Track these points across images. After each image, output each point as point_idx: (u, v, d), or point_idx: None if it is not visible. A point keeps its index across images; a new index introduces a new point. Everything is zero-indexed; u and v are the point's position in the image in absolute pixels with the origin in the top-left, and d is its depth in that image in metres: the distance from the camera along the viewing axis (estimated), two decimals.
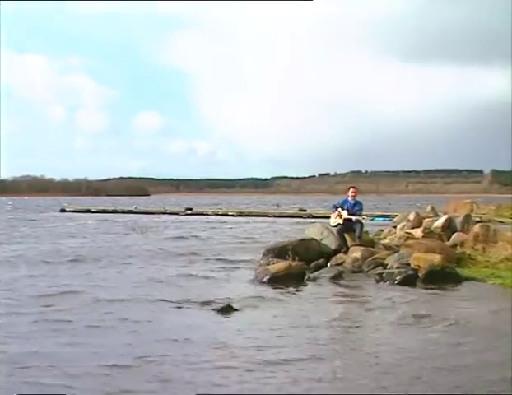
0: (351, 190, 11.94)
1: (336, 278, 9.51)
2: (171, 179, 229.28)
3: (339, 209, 11.70)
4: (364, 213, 11.99)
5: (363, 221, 11.44)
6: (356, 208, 11.61)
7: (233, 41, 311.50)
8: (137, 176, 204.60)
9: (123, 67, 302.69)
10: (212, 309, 7.16)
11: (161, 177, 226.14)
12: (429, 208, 15.33)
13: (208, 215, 36.77)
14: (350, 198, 11.83)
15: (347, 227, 11.43)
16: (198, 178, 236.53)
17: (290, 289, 8.79)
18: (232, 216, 35.86)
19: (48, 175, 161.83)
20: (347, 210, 11.57)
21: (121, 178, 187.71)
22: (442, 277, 9.10)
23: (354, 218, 11.34)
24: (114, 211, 41.50)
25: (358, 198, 11.93)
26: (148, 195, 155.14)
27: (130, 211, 41.45)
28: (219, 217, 34.27)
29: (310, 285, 9.18)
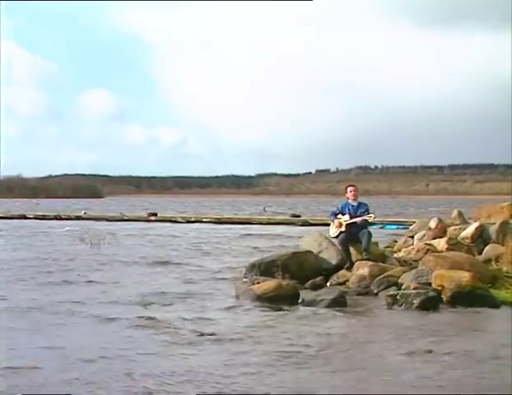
0: (350, 189, 12.02)
1: (337, 301, 9.44)
2: (130, 177, 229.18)
3: (340, 216, 11.69)
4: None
5: (371, 223, 11.44)
6: (360, 212, 11.61)
7: (208, 7, 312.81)
8: (86, 173, 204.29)
9: (64, 34, 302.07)
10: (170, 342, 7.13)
11: (117, 174, 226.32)
12: (455, 213, 15.29)
13: (177, 221, 36.72)
14: (351, 200, 11.82)
15: (352, 236, 11.41)
16: (164, 175, 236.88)
17: (279, 314, 8.74)
18: (207, 222, 36.01)
19: None
20: (350, 214, 11.56)
21: (65, 175, 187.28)
22: (472, 301, 9.09)
23: (359, 220, 11.34)
24: (57, 218, 41.15)
25: (365, 201, 11.95)
26: (101, 197, 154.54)
27: (78, 218, 41.15)
28: (190, 225, 34.18)
29: (305, 310, 9.11)
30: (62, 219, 40.51)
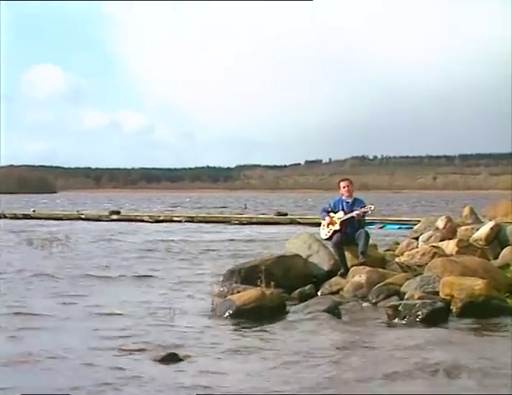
0: (343, 184, 12.03)
1: (330, 313, 9.45)
2: (88, 169, 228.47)
3: (332, 214, 11.71)
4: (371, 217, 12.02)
5: (369, 222, 11.46)
6: (355, 208, 11.64)
7: None
8: (36, 164, 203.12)
9: (7, 2, 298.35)
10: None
11: (73, 165, 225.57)
12: (466, 211, 15.37)
13: (144, 221, 36.65)
14: (345, 197, 11.86)
15: (347, 237, 11.46)
16: (128, 167, 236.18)
17: (262, 328, 8.77)
18: (179, 221, 36.04)
19: None
20: (344, 211, 11.60)
21: (11, 166, 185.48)
22: (486, 312, 9.14)
23: (355, 213, 11.44)
24: (0, 216, 40.86)
25: (363, 197, 11.98)
26: (54, 191, 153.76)
27: (25, 216, 40.90)
28: (158, 224, 34.12)
29: (292, 323, 9.13)
30: (6, 217, 40.27)
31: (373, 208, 11.74)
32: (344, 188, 11.93)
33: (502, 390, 6.15)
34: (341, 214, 11.62)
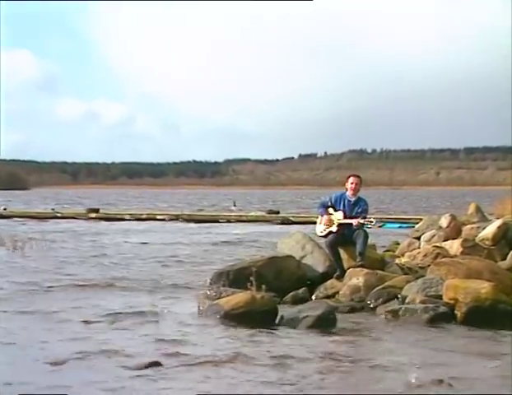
0: (352, 180, 11.94)
1: (325, 319, 9.45)
2: (64, 163, 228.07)
3: (330, 210, 11.68)
4: (371, 216, 12.02)
5: (369, 225, 11.46)
6: (356, 210, 11.63)
7: None
8: (6, 158, 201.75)
9: None
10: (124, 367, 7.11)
11: (47, 159, 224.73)
12: (472, 208, 15.40)
13: (124, 219, 36.66)
14: (349, 194, 11.82)
15: (343, 238, 11.47)
16: (108, 161, 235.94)
17: (252, 335, 8.78)
18: (162, 220, 36.07)
19: None
20: (344, 211, 11.55)
21: None
22: (493, 318, 9.16)
23: (355, 222, 11.35)
24: None
25: (361, 194, 11.96)
26: (26, 188, 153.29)
27: None
28: (140, 223, 34.08)
29: (284, 329, 9.14)
30: None
31: (374, 222, 11.72)
32: (352, 184, 11.83)
33: (502, 390, 6.16)
34: (340, 215, 11.57)
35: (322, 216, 11.81)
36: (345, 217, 11.53)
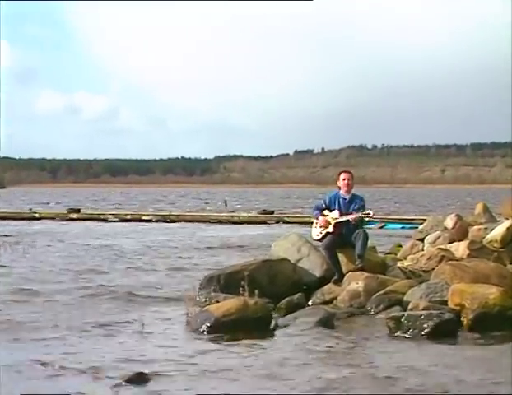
0: (343, 176, 12.02)
1: (322, 326, 9.49)
2: (43, 160, 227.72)
3: (326, 212, 11.69)
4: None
5: (369, 220, 11.46)
6: (353, 207, 11.65)
7: None
8: None
9: None
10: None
11: (25, 156, 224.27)
12: (479, 208, 15.43)
13: (108, 220, 36.71)
14: (342, 191, 11.83)
15: (342, 239, 11.46)
16: (90, 158, 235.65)
17: (244, 344, 8.78)
18: (148, 221, 36.14)
19: None
20: (340, 211, 11.56)
21: None
22: (502, 325, 9.16)
23: (351, 218, 11.38)
24: None
25: (356, 191, 11.97)
26: (2, 187, 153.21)
27: None
28: (125, 224, 34.13)
29: (279, 338, 9.16)
30: None
31: (371, 214, 11.72)
32: (344, 180, 11.88)
33: (502, 390, 6.15)
34: (336, 214, 11.57)
35: (317, 218, 11.81)
36: (341, 215, 11.55)
